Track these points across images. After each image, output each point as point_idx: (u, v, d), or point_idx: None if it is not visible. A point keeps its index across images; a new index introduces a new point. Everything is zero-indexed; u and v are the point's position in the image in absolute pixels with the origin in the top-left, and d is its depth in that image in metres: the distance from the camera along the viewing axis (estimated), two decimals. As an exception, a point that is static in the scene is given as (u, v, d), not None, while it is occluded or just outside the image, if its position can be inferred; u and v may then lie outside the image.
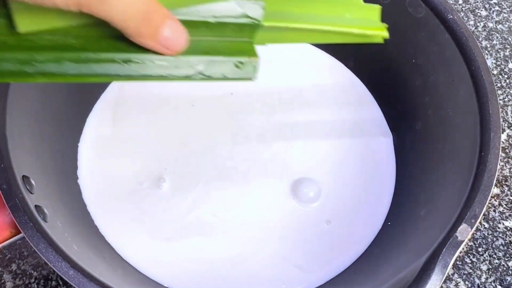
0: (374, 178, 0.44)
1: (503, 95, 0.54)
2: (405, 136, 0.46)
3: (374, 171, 0.45)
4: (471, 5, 0.59)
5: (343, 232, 0.42)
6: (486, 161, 0.34)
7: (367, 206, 0.43)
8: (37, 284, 0.41)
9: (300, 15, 0.31)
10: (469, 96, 0.37)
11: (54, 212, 0.35)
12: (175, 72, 0.27)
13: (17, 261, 0.41)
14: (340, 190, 0.43)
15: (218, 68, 0.28)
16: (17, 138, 0.35)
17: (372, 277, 0.37)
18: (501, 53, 0.56)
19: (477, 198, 0.33)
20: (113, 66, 0.26)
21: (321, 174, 0.44)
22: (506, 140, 0.51)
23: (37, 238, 0.30)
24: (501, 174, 0.49)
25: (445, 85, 0.41)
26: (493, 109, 0.36)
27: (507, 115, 0.52)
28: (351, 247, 0.41)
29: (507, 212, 0.47)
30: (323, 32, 0.32)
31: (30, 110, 0.38)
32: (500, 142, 0.35)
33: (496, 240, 0.46)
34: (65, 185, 0.40)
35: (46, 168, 0.38)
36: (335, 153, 0.45)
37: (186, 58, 0.27)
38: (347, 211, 0.42)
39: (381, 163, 0.45)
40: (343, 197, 0.43)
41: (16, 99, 0.35)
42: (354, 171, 0.45)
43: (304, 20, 0.31)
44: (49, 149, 0.40)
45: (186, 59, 0.27)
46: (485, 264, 0.44)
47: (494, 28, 0.58)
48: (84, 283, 0.29)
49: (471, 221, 0.32)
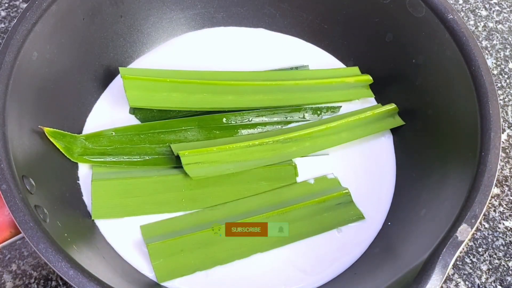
0: (375, 178, 0.44)
1: (503, 95, 0.54)
2: (405, 136, 0.46)
3: (375, 171, 0.45)
4: (471, 5, 0.59)
5: (347, 233, 0.42)
6: (486, 161, 0.34)
7: (368, 206, 0.43)
8: (37, 284, 0.41)
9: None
10: (469, 96, 0.37)
11: (54, 212, 0.35)
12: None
13: (17, 261, 0.41)
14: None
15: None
16: (17, 138, 0.35)
17: (372, 277, 0.37)
18: (501, 53, 0.56)
19: (477, 198, 0.33)
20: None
21: (321, 175, 0.44)
22: (506, 140, 0.51)
23: (37, 238, 0.30)
24: (501, 174, 0.49)
25: (445, 85, 0.41)
26: (493, 109, 0.36)
27: (507, 115, 0.52)
28: (353, 248, 0.41)
29: (507, 212, 0.47)
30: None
31: (30, 110, 0.38)
32: (500, 142, 0.35)
33: (496, 240, 0.46)
34: (65, 185, 0.40)
35: (46, 168, 0.38)
36: (335, 153, 0.45)
37: None
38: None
39: (381, 163, 0.45)
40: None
41: (16, 99, 0.35)
42: (354, 171, 0.45)
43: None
44: (49, 149, 0.40)
45: None
46: (485, 264, 0.44)
47: (494, 28, 0.58)
48: (84, 283, 0.29)
49: (471, 221, 0.32)
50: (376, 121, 0.46)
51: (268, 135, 0.44)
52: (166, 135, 0.44)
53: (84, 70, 0.45)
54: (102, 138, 0.42)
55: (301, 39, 0.51)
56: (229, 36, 0.51)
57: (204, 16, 0.51)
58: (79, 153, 0.41)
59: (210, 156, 0.41)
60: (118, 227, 0.40)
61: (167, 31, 0.50)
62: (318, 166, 0.44)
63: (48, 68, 0.40)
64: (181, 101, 0.43)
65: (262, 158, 0.42)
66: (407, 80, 0.46)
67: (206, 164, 0.41)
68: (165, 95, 0.43)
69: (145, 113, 0.45)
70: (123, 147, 0.42)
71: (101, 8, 0.44)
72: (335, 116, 0.47)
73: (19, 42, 0.36)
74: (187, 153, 0.40)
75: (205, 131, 0.45)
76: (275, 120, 0.46)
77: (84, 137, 0.42)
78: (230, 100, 0.45)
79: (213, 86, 0.44)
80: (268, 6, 0.50)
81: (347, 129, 0.45)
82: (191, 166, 0.40)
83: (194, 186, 0.41)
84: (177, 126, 0.44)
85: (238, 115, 0.45)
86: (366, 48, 0.49)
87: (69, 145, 0.41)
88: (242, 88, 0.45)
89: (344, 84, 0.47)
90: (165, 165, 0.42)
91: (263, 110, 0.46)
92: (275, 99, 0.46)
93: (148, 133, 0.43)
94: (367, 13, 0.47)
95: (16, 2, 0.55)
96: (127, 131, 0.43)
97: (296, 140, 0.43)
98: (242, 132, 0.45)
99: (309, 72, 0.49)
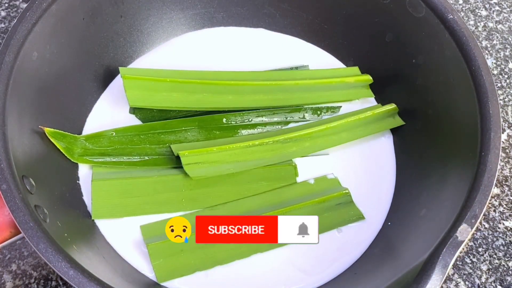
0: (374, 178, 0.44)
1: (503, 95, 0.54)
2: (405, 136, 0.46)
3: (374, 171, 0.45)
4: (471, 5, 0.59)
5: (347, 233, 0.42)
6: (486, 161, 0.34)
7: (368, 206, 0.43)
8: (37, 284, 0.41)
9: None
10: (469, 96, 0.37)
11: (54, 212, 0.35)
12: None
13: (17, 261, 0.41)
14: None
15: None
16: (17, 138, 0.35)
17: (372, 277, 0.37)
18: (501, 53, 0.56)
19: (477, 198, 0.33)
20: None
21: (321, 175, 0.44)
22: (506, 140, 0.51)
23: (37, 238, 0.30)
24: (501, 174, 0.49)
25: (445, 85, 0.41)
26: (493, 109, 0.36)
27: (507, 115, 0.52)
28: (353, 248, 0.41)
29: (507, 212, 0.47)
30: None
31: (30, 110, 0.38)
32: (500, 142, 0.35)
33: (496, 240, 0.46)
34: (65, 185, 0.40)
35: (46, 168, 0.38)
36: (335, 153, 0.45)
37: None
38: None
39: (381, 163, 0.45)
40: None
41: (16, 99, 0.35)
42: (354, 171, 0.45)
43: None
44: (49, 149, 0.40)
45: None
46: (485, 264, 0.44)
47: (494, 28, 0.58)
48: (84, 283, 0.29)
49: (471, 221, 0.32)
50: (376, 121, 0.46)
51: (268, 135, 0.44)
52: (166, 136, 0.44)
53: (84, 70, 0.45)
54: (103, 138, 0.42)
55: (301, 39, 0.51)
56: (229, 36, 0.51)
57: (204, 16, 0.51)
58: (79, 153, 0.41)
59: (210, 156, 0.41)
60: (118, 227, 0.40)
61: (167, 31, 0.50)
62: (318, 166, 0.44)
63: (48, 68, 0.40)
64: (181, 101, 0.44)
65: (262, 158, 0.42)
66: (407, 80, 0.46)
67: (206, 164, 0.41)
68: (165, 95, 0.43)
69: (145, 113, 0.45)
70: (123, 147, 0.42)
71: (101, 8, 0.44)
72: (335, 116, 0.47)
73: (19, 42, 0.36)
74: (187, 153, 0.40)
75: (205, 131, 0.45)
76: (275, 120, 0.46)
77: (84, 138, 0.42)
78: (230, 100, 0.45)
79: (213, 86, 0.44)
80: (268, 6, 0.50)
81: (347, 129, 0.45)
82: (191, 166, 0.40)
83: (194, 186, 0.41)
84: (177, 126, 0.44)
85: (238, 115, 0.46)
86: (366, 48, 0.49)
87: (69, 145, 0.41)
88: (242, 88, 0.45)
89: (344, 84, 0.47)
90: (165, 165, 0.42)
91: (263, 110, 0.46)
92: (275, 99, 0.46)
93: (148, 133, 0.43)
94: (367, 13, 0.47)
95: (16, 2, 0.55)
96: (127, 132, 0.43)
97: (296, 140, 0.43)
98: (242, 132, 0.45)
99: (309, 72, 0.49)
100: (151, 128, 0.44)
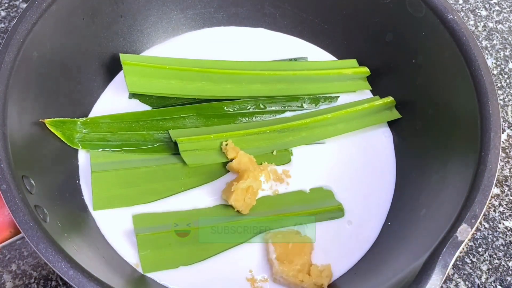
0: (375, 178, 0.44)
1: (503, 95, 0.54)
2: (405, 136, 0.46)
3: (375, 171, 0.45)
4: (471, 5, 0.59)
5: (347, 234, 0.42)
6: (486, 161, 0.34)
7: (368, 206, 0.43)
8: (37, 284, 0.41)
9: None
10: (469, 96, 0.37)
11: (54, 212, 0.35)
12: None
13: (17, 261, 0.41)
14: (340, 190, 0.43)
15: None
16: (17, 138, 0.35)
17: (372, 277, 0.37)
18: (501, 53, 0.56)
19: (477, 198, 0.33)
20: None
21: (322, 175, 0.44)
22: (506, 140, 0.51)
23: (37, 238, 0.30)
24: (501, 174, 0.49)
25: (445, 85, 0.41)
26: (493, 109, 0.36)
27: (507, 115, 0.52)
28: (353, 248, 0.41)
29: (507, 212, 0.47)
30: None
31: (30, 110, 0.38)
32: (500, 142, 0.35)
33: (496, 240, 0.46)
34: (65, 185, 0.40)
35: (46, 168, 0.38)
36: (335, 153, 0.45)
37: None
38: (347, 211, 0.42)
39: (381, 163, 0.45)
40: (344, 197, 0.43)
41: (16, 99, 0.35)
42: (355, 171, 0.45)
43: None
44: (49, 149, 0.40)
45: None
46: (485, 264, 0.44)
47: (494, 28, 0.58)
48: (84, 283, 0.29)
49: (471, 221, 0.32)
50: (373, 114, 0.46)
51: (265, 124, 0.45)
52: (165, 122, 0.44)
53: (84, 70, 0.45)
54: (101, 124, 0.43)
55: (301, 39, 0.51)
56: (229, 36, 0.51)
57: (204, 16, 0.51)
58: (79, 139, 0.42)
59: (207, 143, 0.42)
60: (118, 227, 0.40)
61: (167, 31, 0.50)
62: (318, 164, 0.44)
63: (48, 68, 0.40)
64: (180, 88, 0.44)
65: (258, 147, 0.43)
66: (407, 80, 0.46)
67: (203, 152, 0.41)
68: (164, 82, 0.44)
69: (144, 100, 0.45)
70: (122, 133, 0.43)
71: (101, 8, 0.44)
72: (332, 107, 0.47)
73: (19, 42, 0.36)
74: (185, 140, 0.41)
75: (203, 118, 0.45)
76: (273, 109, 0.46)
77: (83, 122, 0.42)
78: (228, 88, 0.45)
79: (212, 75, 0.45)
80: (268, 6, 0.50)
81: (344, 120, 0.45)
82: (188, 153, 0.41)
83: (192, 174, 0.42)
84: (175, 113, 0.45)
85: (237, 103, 0.46)
86: (366, 48, 0.49)
87: (69, 131, 0.41)
88: (241, 77, 0.46)
89: (342, 75, 0.48)
90: (164, 152, 0.43)
91: (261, 99, 0.46)
92: (273, 89, 0.46)
93: (147, 120, 0.44)
94: (367, 13, 0.47)
95: (16, 2, 0.55)
96: (125, 118, 0.43)
97: (292, 130, 0.44)
98: (239, 121, 0.46)
99: (307, 64, 0.49)
100: (150, 115, 0.44)
